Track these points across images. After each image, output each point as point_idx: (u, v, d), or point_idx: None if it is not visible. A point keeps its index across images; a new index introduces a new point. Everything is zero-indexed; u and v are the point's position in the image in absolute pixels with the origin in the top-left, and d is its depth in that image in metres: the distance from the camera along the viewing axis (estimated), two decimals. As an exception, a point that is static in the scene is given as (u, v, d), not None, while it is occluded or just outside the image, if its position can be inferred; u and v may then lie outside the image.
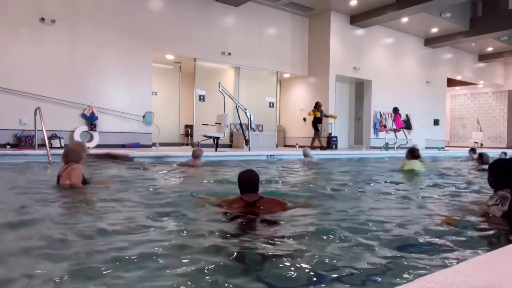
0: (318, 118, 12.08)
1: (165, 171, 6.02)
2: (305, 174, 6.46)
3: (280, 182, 5.00)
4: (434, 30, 15.28)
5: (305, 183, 5.12)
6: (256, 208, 2.79)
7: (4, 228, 2.38)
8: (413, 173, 5.88)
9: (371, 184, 5.03)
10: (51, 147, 7.45)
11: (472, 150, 10.48)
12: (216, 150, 9.16)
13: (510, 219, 2.54)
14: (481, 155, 7.73)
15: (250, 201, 2.80)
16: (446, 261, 1.89)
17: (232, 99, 9.87)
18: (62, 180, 3.76)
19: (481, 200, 3.31)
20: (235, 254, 1.99)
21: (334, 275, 1.70)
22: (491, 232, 2.48)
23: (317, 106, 12.25)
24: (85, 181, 3.86)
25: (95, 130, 9.55)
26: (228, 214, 2.77)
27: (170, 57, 11.78)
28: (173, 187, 4.37)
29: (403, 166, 6.13)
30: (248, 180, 2.87)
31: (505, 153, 10.81)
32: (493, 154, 12.37)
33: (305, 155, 8.36)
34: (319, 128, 12.18)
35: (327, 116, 12.48)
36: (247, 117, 9.91)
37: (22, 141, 8.49)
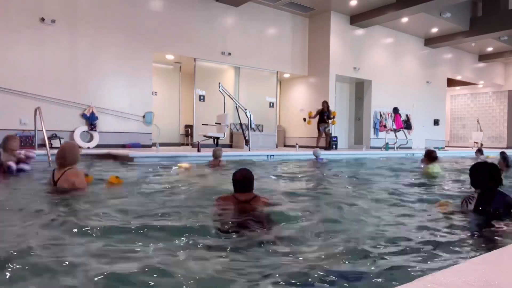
0: (322, 118, 11.99)
1: (179, 173, 5.94)
2: (312, 175, 6.43)
3: (287, 182, 5.01)
4: (434, 30, 15.28)
5: (310, 184, 5.11)
6: (249, 206, 2.84)
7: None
8: (434, 176, 5.77)
9: (372, 185, 5.02)
10: (51, 147, 7.43)
11: (479, 151, 10.41)
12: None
13: (479, 215, 2.71)
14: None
15: (244, 200, 2.83)
16: (446, 261, 1.89)
17: (232, 99, 9.87)
18: (62, 185, 3.39)
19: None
20: (228, 249, 2.02)
21: (333, 275, 1.70)
22: (490, 232, 2.48)
23: (324, 105, 12.05)
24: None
25: (95, 130, 9.55)
26: (222, 211, 2.82)
27: (170, 57, 11.78)
28: (185, 188, 4.33)
29: (426, 169, 5.99)
30: (242, 180, 2.93)
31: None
32: (495, 154, 12.34)
33: (315, 155, 8.39)
34: (320, 129, 12.08)
35: (330, 118, 12.32)
36: (247, 117, 9.91)
37: (22, 141, 8.49)
